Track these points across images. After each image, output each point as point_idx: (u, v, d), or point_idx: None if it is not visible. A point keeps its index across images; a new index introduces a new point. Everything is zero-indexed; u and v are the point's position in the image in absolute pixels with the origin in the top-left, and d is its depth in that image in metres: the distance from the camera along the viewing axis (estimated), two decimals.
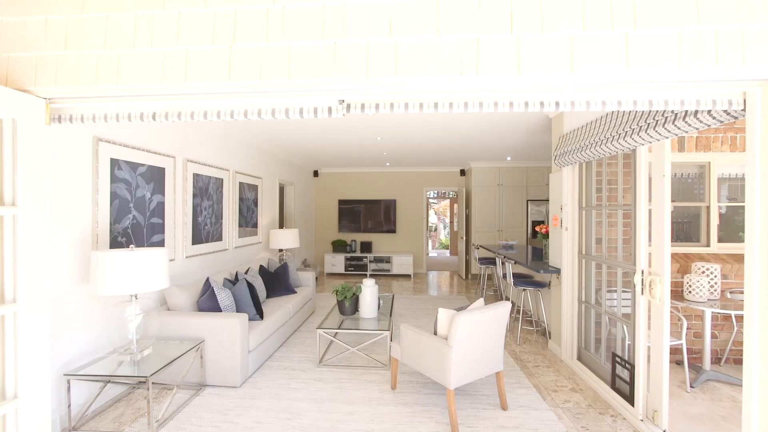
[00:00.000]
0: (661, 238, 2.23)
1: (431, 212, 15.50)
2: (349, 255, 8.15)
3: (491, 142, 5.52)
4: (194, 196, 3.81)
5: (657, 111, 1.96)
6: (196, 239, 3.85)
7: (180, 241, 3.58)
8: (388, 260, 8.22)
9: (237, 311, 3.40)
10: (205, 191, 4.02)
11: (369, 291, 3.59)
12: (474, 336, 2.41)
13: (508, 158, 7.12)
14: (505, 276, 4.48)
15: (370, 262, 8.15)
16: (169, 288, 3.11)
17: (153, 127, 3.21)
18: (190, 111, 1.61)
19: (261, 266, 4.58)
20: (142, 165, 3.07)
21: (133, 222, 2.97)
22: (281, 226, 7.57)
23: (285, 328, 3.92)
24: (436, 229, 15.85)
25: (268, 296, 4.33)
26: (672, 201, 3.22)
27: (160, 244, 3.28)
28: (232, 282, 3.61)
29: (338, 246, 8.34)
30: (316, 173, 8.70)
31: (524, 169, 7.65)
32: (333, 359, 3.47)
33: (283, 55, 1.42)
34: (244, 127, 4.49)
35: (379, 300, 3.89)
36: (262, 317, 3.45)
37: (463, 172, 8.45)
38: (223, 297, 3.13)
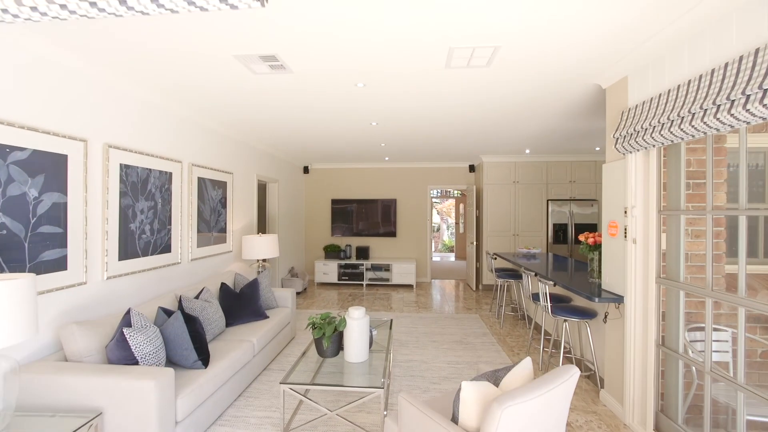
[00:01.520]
0: None
1: (433, 212, 14.53)
2: (343, 262, 7.17)
3: (511, 129, 4.51)
4: (123, 194, 2.83)
5: None
6: (128, 252, 2.87)
7: (97, 256, 2.60)
8: (387, 268, 7.23)
9: (168, 358, 2.42)
10: (143, 189, 3.04)
11: (357, 326, 2.60)
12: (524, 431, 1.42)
13: (527, 151, 6.12)
14: (534, 297, 3.48)
15: (367, 270, 7.16)
16: (66, 327, 2.13)
17: (40, 96, 2.23)
18: None
19: (223, 284, 3.60)
20: (21, 149, 2.09)
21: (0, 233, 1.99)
22: (262, 230, 6.60)
23: (246, 372, 2.94)
24: (438, 230, 14.87)
25: (230, 324, 3.35)
26: None
27: (58, 263, 2.30)
28: (168, 314, 2.62)
29: (331, 252, 7.36)
30: (306, 169, 7.71)
31: (544, 164, 6.64)
32: (305, 426, 2.48)
33: None
34: (199, 104, 3.50)
35: (371, 333, 2.91)
36: (206, 363, 2.46)
37: (472, 168, 7.44)
38: (141, 342, 2.15)
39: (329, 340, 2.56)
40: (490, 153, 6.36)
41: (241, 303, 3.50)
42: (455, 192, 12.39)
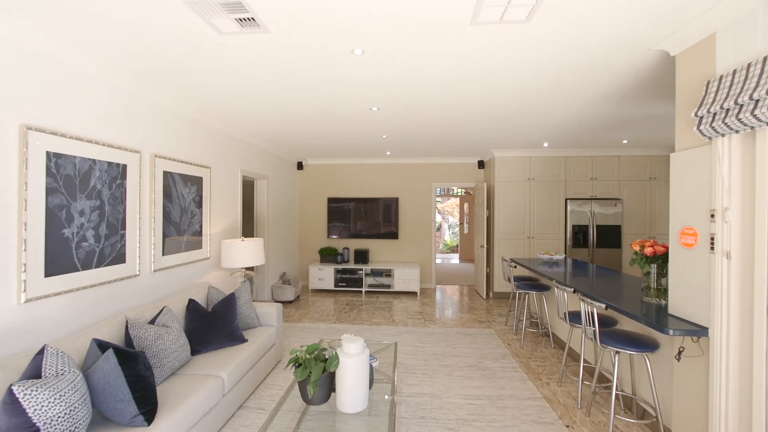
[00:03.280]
0: None
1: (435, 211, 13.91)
2: (340, 267, 6.54)
3: (533, 116, 3.87)
4: (52, 192, 2.19)
5: None
6: (59, 266, 2.24)
7: (9, 273, 1.97)
8: (388, 273, 6.61)
9: (99, 411, 1.79)
10: (83, 184, 2.41)
11: (353, 365, 1.97)
12: None
13: (545, 144, 5.48)
14: (572, 318, 2.85)
15: (367, 275, 6.53)
16: None
17: None
18: None
19: (191, 302, 2.97)
20: None
21: None
22: (250, 233, 5.97)
23: (212, 419, 2.31)
24: (440, 229, 14.23)
25: (197, 352, 2.72)
26: None
27: None
28: (105, 348, 1.98)
29: (327, 255, 6.73)
30: (300, 165, 7.07)
31: (562, 159, 6.01)
32: None
33: None
34: (151, 73, 2.86)
35: (372, 368, 2.28)
36: (151, 418, 1.83)
37: (481, 164, 6.81)
38: (44, 400, 1.51)
39: (316, 385, 1.93)
40: (502, 147, 5.73)
41: (213, 324, 2.87)
42: (458, 190, 11.77)
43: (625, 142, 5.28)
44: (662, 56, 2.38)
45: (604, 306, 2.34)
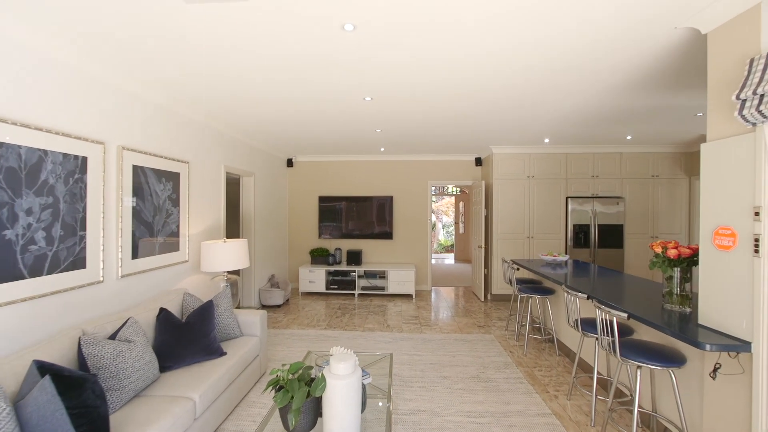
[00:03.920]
0: None
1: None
2: (332, 268, 6.24)
3: (537, 107, 3.63)
4: None
5: None
6: (0, 274, 1.92)
7: None
8: (382, 275, 6.33)
9: None
10: (31, 179, 2.09)
11: (343, 388, 1.69)
12: None
13: (546, 140, 5.25)
14: (585, 326, 2.60)
15: (360, 277, 6.24)
16: None
17: None
18: None
19: (162, 311, 2.65)
20: None
21: None
22: (235, 233, 5.64)
23: None
24: (434, 228, 13.99)
25: (167, 368, 2.41)
26: None
27: None
28: (49, 371, 1.67)
29: (318, 256, 6.42)
30: (290, 162, 6.75)
31: (562, 155, 5.79)
32: None
33: None
34: (110, 50, 2.54)
35: (364, 390, 2.01)
36: None
37: (479, 162, 6.56)
38: None
39: (298, 413, 1.64)
40: (502, 143, 5.48)
41: (187, 336, 2.56)
42: (452, 189, 11.54)
43: (629, 137, 5.08)
44: (690, 36, 2.14)
45: (626, 315, 2.09)
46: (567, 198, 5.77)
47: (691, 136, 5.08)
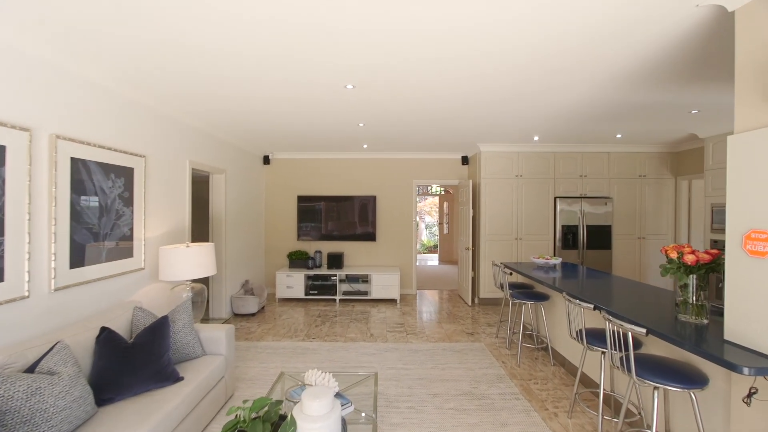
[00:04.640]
0: None
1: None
2: (311, 272, 5.86)
3: (529, 102, 3.40)
4: None
5: None
6: None
7: None
8: (365, 279, 6.00)
9: None
10: None
11: (318, 430, 1.35)
12: None
13: (536, 138, 5.06)
14: (590, 338, 2.36)
15: (341, 281, 5.89)
16: None
17: None
18: None
19: (104, 330, 2.24)
20: None
21: None
22: (205, 236, 5.19)
23: None
24: (417, 228, 13.76)
25: (108, 401, 2.00)
26: None
27: None
28: None
29: (297, 259, 6.03)
30: (266, 159, 6.32)
31: (551, 154, 5.63)
32: None
33: None
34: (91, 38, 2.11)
35: (344, 425, 1.69)
36: None
37: (465, 160, 6.33)
38: None
39: None
40: (489, 141, 5.26)
41: (134, 361, 2.16)
42: (436, 189, 11.33)
43: (619, 136, 4.95)
44: (713, 14, 1.91)
45: (644, 331, 1.85)
46: (555, 198, 5.61)
47: (679, 135, 5.00)
